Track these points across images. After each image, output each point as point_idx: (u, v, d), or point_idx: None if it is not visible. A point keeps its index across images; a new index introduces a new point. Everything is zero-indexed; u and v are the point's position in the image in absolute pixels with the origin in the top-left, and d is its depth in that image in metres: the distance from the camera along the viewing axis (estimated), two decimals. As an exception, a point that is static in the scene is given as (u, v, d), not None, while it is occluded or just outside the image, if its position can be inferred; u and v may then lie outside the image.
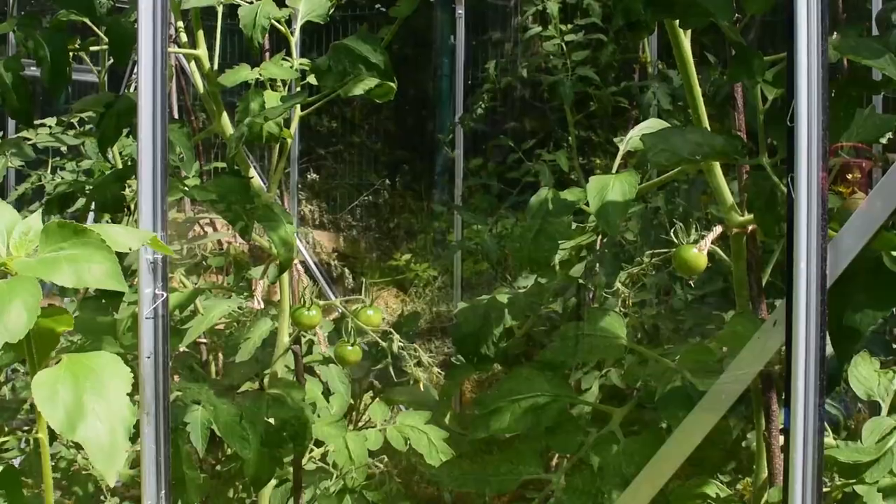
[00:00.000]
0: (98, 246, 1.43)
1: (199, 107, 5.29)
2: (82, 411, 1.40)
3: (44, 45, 2.49)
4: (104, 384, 1.44)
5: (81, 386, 1.43)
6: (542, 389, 2.32)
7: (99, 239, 1.43)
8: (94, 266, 1.42)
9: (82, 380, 1.43)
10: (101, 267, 1.42)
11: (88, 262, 1.42)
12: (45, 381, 1.42)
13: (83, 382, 1.43)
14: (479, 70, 8.21)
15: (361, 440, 3.03)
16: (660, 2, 1.99)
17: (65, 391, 1.41)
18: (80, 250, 1.43)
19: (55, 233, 1.45)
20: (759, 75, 1.93)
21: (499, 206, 5.83)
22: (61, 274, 1.41)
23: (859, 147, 2.16)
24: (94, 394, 1.43)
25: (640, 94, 5.36)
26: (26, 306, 1.35)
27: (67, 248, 1.43)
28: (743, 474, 2.72)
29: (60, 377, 1.43)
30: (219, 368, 3.46)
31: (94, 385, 1.44)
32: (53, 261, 1.42)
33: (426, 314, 8.11)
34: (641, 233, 3.82)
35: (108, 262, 1.42)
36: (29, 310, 1.35)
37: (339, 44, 2.30)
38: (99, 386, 1.44)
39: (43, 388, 1.41)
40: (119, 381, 1.46)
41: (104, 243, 1.43)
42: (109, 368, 1.47)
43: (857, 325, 1.82)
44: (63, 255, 1.42)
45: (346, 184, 10.46)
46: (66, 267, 1.41)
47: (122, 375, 1.47)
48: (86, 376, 1.44)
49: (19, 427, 3.10)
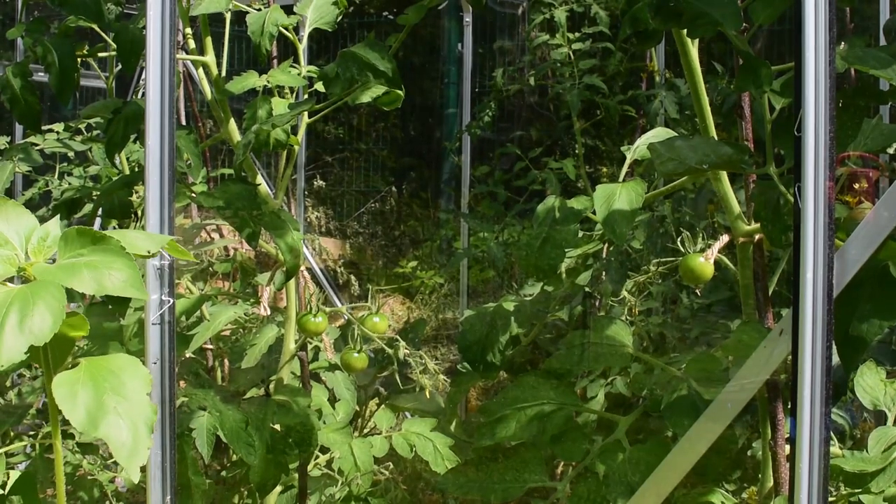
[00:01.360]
0: (118, 253, 1.43)
1: (206, 113, 5.31)
2: (104, 410, 1.41)
3: (52, 51, 2.50)
4: (124, 384, 1.45)
5: (101, 386, 1.43)
6: (548, 397, 2.32)
7: (119, 246, 1.43)
8: (115, 273, 1.41)
9: (101, 381, 1.44)
10: (121, 274, 1.41)
11: (109, 269, 1.41)
12: (64, 381, 1.43)
13: (103, 383, 1.44)
14: (486, 78, 8.22)
15: (367, 447, 3.03)
16: (668, 11, 1.99)
17: (84, 392, 1.42)
18: (100, 257, 1.42)
19: (74, 239, 1.45)
20: (766, 85, 1.93)
21: (505, 213, 5.83)
22: (81, 281, 1.40)
23: (866, 157, 2.16)
24: (114, 393, 1.43)
25: (648, 102, 5.37)
26: (51, 310, 1.35)
27: (87, 254, 1.43)
28: (748, 483, 2.72)
29: (80, 379, 1.44)
30: (225, 374, 3.46)
31: (114, 385, 1.44)
32: (73, 267, 1.42)
33: (432, 321, 8.11)
34: (648, 241, 3.82)
35: (129, 270, 1.42)
36: (54, 314, 1.35)
37: (347, 51, 2.31)
38: (119, 386, 1.44)
39: (63, 388, 1.42)
40: (139, 382, 1.46)
41: (124, 250, 1.43)
42: (129, 369, 1.48)
43: (864, 335, 1.82)
44: (83, 262, 1.42)
45: (352, 191, 10.48)
46: (86, 273, 1.41)
47: (142, 376, 1.48)
48: (105, 377, 1.45)
49: (25, 432, 3.10)
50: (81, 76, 2.66)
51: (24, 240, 1.49)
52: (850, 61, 1.87)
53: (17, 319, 1.33)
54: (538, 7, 5.26)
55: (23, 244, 1.48)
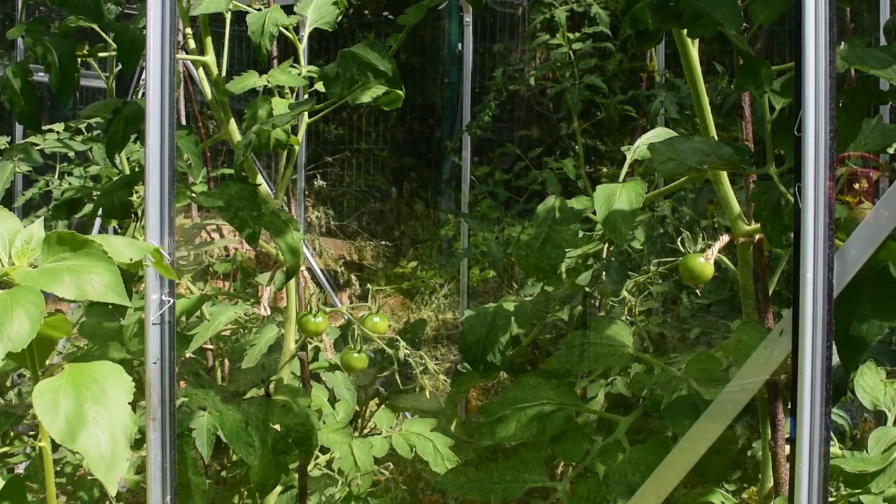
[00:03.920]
0: (99, 257, 1.42)
1: (206, 113, 5.31)
2: (83, 420, 1.40)
3: (52, 51, 2.49)
4: (106, 393, 1.44)
5: (83, 395, 1.42)
6: (548, 397, 2.32)
7: (101, 250, 1.42)
8: (96, 277, 1.41)
9: (83, 389, 1.43)
10: (102, 279, 1.41)
11: (89, 274, 1.41)
12: (46, 390, 1.42)
13: (84, 392, 1.43)
14: (486, 78, 8.22)
15: (367, 447, 3.03)
16: (668, 11, 1.99)
17: (66, 401, 1.41)
18: (82, 261, 1.42)
19: (57, 243, 1.44)
20: (766, 85, 1.93)
21: (505, 213, 5.83)
22: (62, 285, 1.40)
23: (866, 157, 2.16)
24: (95, 403, 1.42)
25: (648, 102, 5.36)
26: (29, 316, 1.35)
27: (69, 258, 1.43)
28: (748, 483, 2.72)
29: (62, 387, 1.43)
30: (225, 374, 3.46)
31: (96, 394, 1.43)
32: (55, 271, 1.41)
33: (432, 321, 8.11)
34: (648, 241, 3.82)
35: (110, 274, 1.41)
36: (32, 319, 1.35)
37: (347, 51, 2.31)
38: (101, 395, 1.43)
39: (44, 398, 1.41)
40: (120, 391, 1.45)
41: (106, 254, 1.42)
42: (111, 378, 1.47)
43: (864, 335, 1.82)
44: (64, 266, 1.42)
45: (352, 191, 10.48)
46: (67, 278, 1.40)
47: (124, 385, 1.46)
48: (87, 386, 1.44)
49: (25, 432, 3.10)
50: (81, 76, 2.66)
51: (7, 243, 1.48)
52: (851, 61, 1.87)
53: (-6, 326, 1.33)
54: (538, 7, 5.26)
55: (6, 247, 1.48)
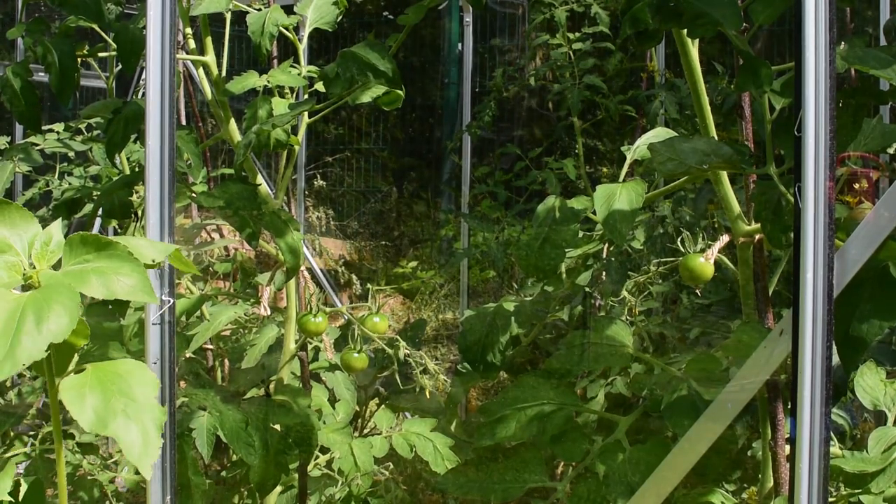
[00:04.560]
0: (125, 258, 1.44)
1: (206, 113, 5.31)
2: (112, 411, 1.42)
3: (52, 51, 2.49)
4: (132, 387, 1.47)
5: (109, 389, 1.45)
6: (548, 397, 2.32)
7: (126, 251, 1.44)
8: (123, 278, 1.43)
9: (109, 384, 1.45)
10: (130, 279, 1.43)
11: (117, 275, 1.43)
12: (72, 385, 1.44)
13: (110, 386, 1.45)
14: (486, 78, 8.23)
15: (367, 447, 3.03)
16: (668, 11, 1.99)
17: (92, 395, 1.43)
18: (107, 262, 1.44)
19: (79, 245, 1.45)
20: (766, 85, 1.93)
21: (505, 213, 5.83)
22: (90, 286, 1.41)
23: (866, 157, 2.16)
24: (122, 396, 1.45)
25: (648, 102, 5.37)
26: (67, 310, 1.36)
27: (93, 259, 1.44)
28: (748, 483, 2.72)
29: (87, 382, 1.45)
30: (225, 374, 3.46)
31: (122, 388, 1.46)
32: (81, 273, 1.43)
33: (432, 321, 8.12)
34: (648, 241, 3.82)
35: (137, 275, 1.43)
36: (70, 313, 1.36)
37: (347, 51, 2.31)
38: (126, 389, 1.46)
39: (71, 392, 1.43)
40: (146, 386, 1.48)
41: (132, 255, 1.44)
42: (136, 374, 1.50)
43: (864, 335, 1.82)
44: (91, 268, 1.43)
45: (352, 191, 10.48)
46: (94, 279, 1.42)
47: (149, 380, 1.49)
48: (112, 381, 1.46)
49: (25, 432, 3.10)
50: (81, 76, 2.66)
51: (27, 245, 1.49)
52: (851, 61, 1.87)
53: (33, 321, 1.34)
54: (538, 7, 5.26)
55: (26, 250, 1.48)
